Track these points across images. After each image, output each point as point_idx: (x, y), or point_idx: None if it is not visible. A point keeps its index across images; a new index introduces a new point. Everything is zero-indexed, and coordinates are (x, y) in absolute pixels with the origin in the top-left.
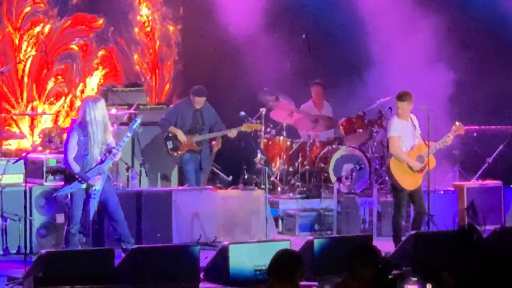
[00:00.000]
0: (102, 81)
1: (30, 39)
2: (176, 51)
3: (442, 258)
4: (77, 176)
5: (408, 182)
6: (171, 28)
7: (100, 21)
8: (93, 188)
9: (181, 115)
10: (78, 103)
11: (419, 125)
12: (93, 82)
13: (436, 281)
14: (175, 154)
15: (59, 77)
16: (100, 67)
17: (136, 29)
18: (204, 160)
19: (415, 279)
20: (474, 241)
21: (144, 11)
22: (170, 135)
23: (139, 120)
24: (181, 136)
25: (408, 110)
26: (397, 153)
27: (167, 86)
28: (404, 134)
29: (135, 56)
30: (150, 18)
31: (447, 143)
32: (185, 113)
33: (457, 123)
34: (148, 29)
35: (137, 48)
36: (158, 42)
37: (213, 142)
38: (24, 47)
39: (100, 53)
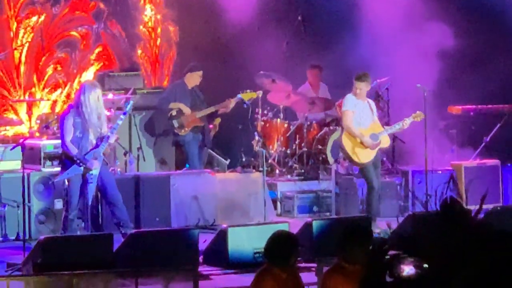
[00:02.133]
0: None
1: (27, 27)
2: (175, 48)
3: (437, 237)
4: (75, 159)
5: (360, 155)
6: (171, 28)
7: (92, 3)
8: (90, 172)
9: (179, 95)
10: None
11: (376, 110)
12: (89, 76)
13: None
14: (182, 131)
15: (59, 66)
16: (96, 63)
17: (141, 27)
18: (207, 137)
19: (411, 259)
20: (457, 213)
21: (148, 12)
22: (173, 114)
23: (132, 102)
24: (184, 108)
25: (366, 90)
26: (348, 127)
27: (166, 80)
28: (359, 111)
29: (139, 51)
30: (153, 18)
31: (403, 127)
32: (183, 93)
33: (418, 112)
34: (150, 24)
35: (139, 43)
36: (159, 40)
37: (211, 126)
38: (21, 34)
39: (97, 50)
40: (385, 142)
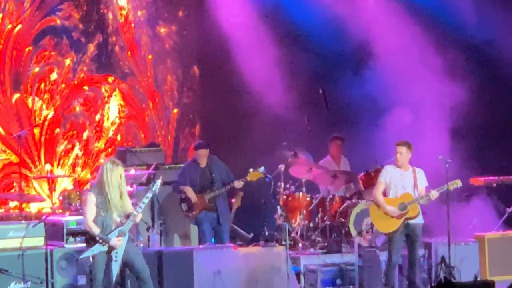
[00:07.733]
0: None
1: (48, 104)
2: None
3: None
4: (98, 238)
5: (382, 225)
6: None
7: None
8: (115, 250)
9: (189, 176)
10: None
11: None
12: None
13: None
14: (191, 214)
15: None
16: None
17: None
18: (222, 214)
19: None
20: None
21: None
22: (183, 197)
23: (159, 182)
24: (190, 193)
25: (407, 157)
26: (374, 196)
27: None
28: (395, 180)
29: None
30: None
31: (431, 198)
32: (193, 173)
33: (457, 181)
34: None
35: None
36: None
37: (233, 200)
38: (37, 107)
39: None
40: (413, 211)
